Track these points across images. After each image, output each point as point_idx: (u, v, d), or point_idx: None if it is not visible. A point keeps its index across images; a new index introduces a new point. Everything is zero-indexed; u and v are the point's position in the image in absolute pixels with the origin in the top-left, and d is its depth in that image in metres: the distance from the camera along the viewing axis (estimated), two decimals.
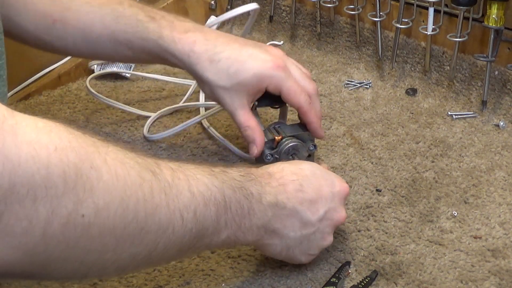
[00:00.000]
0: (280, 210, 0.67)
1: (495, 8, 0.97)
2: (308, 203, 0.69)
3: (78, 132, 0.51)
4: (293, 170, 0.70)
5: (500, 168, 0.92)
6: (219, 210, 0.60)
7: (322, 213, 0.70)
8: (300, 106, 0.83)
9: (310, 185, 0.70)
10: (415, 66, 1.15)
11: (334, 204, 0.71)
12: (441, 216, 0.83)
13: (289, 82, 0.82)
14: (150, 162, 0.55)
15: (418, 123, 1.04)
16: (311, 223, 0.69)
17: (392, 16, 1.16)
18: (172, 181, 0.56)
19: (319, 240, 0.71)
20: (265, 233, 0.67)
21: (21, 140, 0.45)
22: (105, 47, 0.87)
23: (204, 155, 0.97)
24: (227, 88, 0.82)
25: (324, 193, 0.70)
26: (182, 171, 0.58)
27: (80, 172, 0.48)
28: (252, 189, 0.65)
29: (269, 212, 0.66)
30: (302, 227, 0.69)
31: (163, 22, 0.85)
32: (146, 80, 1.19)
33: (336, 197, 0.71)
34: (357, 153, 0.96)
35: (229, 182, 0.62)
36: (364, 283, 0.72)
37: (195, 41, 0.83)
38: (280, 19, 1.34)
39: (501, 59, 1.03)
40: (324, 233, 0.71)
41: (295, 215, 0.68)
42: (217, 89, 0.83)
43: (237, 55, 0.82)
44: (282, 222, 0.67)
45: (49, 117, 0.50)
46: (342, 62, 1.23)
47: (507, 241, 0.78)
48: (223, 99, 0.83)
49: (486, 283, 0.72)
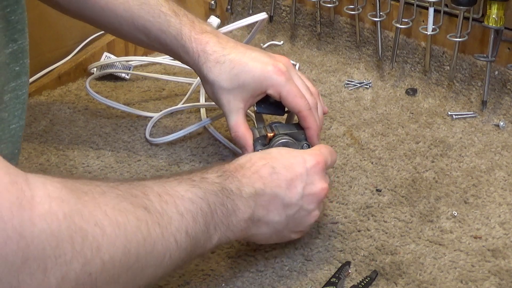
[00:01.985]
0: (260, 197, 0.68)
1: (495, 8, 0.97)
2: (285, 183, 0.70)
3: (79, 184, 0.54)
4: (260, 155, 0.72)
5: (500, 168, 0.92)
6: (207, 219, 0.62)
7: (301, 190, 0.70)
8: (300, 110, 0.83)
9: (281, 165, 0.71)
10: (415, 66, 1.15)
11: (311, 178, 0.72)
12: (441, 216, 0.83)
13: (290, 86, 0.83)
14: (140, 194, 0.58)
15: (418, 123, 1.04)
16: (293, 202, 0.70)
17: (392, 16, 1.16)
18: (161, 208, 0.58)
19: (305, 217, 0.72)
20: (252, 224, 0.68)
21: (36, 214, 0.48)
22: (122, 28, 0.89)
23: (204, 155, 0.97)
24: (227, 89, 0.83)
25: (298, 170, 0.71)
26: (167, 192, 0.60)
27: (86, 234, 0.50)
28: (231, 186, 0.66)
29: (251, 203, 0.67)
30: (284, 208, 0.70)
31: (185, 19, 0.87)
32: (146, 80, 1.19)
33: (311, 171, 0.72)
34: (357, 153, 0.96)
35: (210, 188, 0.64)
36: (364, 283, 0.72)
37: (208, 42, 0.85)
38: (280, 19, 1.34)
39: (501, 59, 1.03)
40: (308, 209, 0.72)
41: (276, 198, 0.69)
42: (218, 89, 0.84)
43: (240, 57, 0.83)
44: (264, 208, 0.69)
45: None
46: (342, 62, 1.23)
47: (507, 241, 0.78)
48: (221, 100, 0.84)
49: (486, 283, 0.72)
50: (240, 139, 0.84)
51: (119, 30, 0.91)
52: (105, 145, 1.00)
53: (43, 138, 1.01)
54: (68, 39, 1.24)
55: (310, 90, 0.86)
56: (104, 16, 0.88)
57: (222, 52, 0.84)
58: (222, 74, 0.83)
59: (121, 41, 1.25)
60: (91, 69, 1.19)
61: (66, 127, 1.04)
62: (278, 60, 0.84)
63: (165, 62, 1.18)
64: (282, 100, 0.83)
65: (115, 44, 1.25)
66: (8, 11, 0.65)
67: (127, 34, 0.91)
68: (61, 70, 1.20)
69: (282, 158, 0.72)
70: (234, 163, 0.70)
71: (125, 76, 1.19)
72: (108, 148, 0.99)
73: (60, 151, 0.98)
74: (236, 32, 1.34)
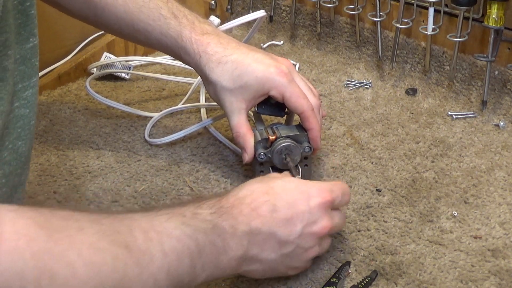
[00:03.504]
0: (255, 236, 0.65)
1: (495, 8, 0.97)
2: (283, 222, 0.66)
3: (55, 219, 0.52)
4: (264, 189, 0.68)
5: (500, 168, 0.92)
6: (194, 259, 0.60)
7: (300, 229, 0.67)
8: (303, 110, 0.83)
9: (283, 202, 0.67)
10: (415, 66, 1.15)
11: (314, 217, 0.68)
12: (441, 216, 0.83)
13: (292, 87, 0.83)
14: (124, 230, 0.56)
15: (418, 123, 1.04)
16: (289, 240, 0.67)
17: (392, 16, 1.16)
18: (145, 246, 0.56)
19: (301, 255, 0.69)
20: (244, 262, 0.65)
21: (2, 251, 0.47)
22: (122, 30, 0.89)
23: (204, 155, 0.97)
24: (230, 90, 0.83)
25: (300, 208, 0.67)
26: (154, 229, 0.58)
27: (55, 274, 0.49)
28: (225, 224, 0.63)
29: (244, 242, 0.64)
30: (280, 246, 0.67)
31: (184, 21, 0.86)
32: (146, 80, 1.19)
33: (314, 209, 0.68)
34: (357, 153, 0.96)
35: (201, 226, 0.61)
36: (364, 283, 0.72)
37: (209, 43, 0.85)
38: (280, 19, 1.34)
39: (501, 59, 1.03)
40: (305, 247, 0.68)
41: (272, 237, 0.66)
42: (220, 90, 0.84)
43: (243, 58, 0.83)
44: (259, 247, 0.66)
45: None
46: (342, 62, 1.23)
47: (507, 241, 0.78)
48: (223, 101, 0.84)
49: (486, 283, 0.72)
50: (241, 140, 0.84)
51: (119, 32, 0.91)
52: (105, 145, 1.00)
53: (43, 138, 1.01)
54: (68, 39, 1.24)
55: (313, 92, 0.86)
56: (104, 17, 0.88)
57: (224, 52, 0.84)
58: (225, 75, 0.83)
59: (121, 41, 1.25)
60: (91, 69, 1.19)
61: (66, 127, 1.04)
62: (280, 62, 0.84)
63: (165, 62, 1.18)
64: (286, 101, 0.83)
65: (115, 44, 1.25)
66: (28, 5, 0.64)
67: (127, 36, 0.91)
68: (61, 70, 1.20)
69: (286, 194, 0.68)
70: (233, 196, 0.67)
71: (125, 76, 1.19)
72: (108, 148, 0.99)
73: (60, 151, 0.98)
74: (236, 32, 1.34)
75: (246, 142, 0.84)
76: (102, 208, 0.85)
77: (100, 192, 0.89)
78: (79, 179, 0.92)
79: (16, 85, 0.64)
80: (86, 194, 0.89)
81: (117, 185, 0.90)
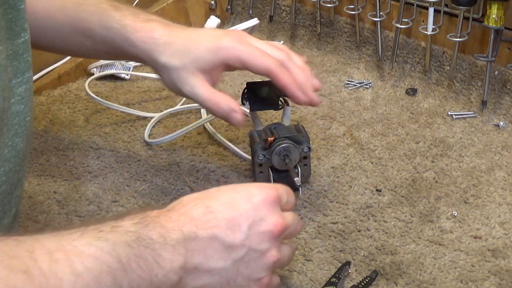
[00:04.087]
0: (192, 242, 0.57)
1: (495, 8, 0.97)
2: (224, 223, 0.58)
3: None
4: (195, 196, 0.61)
5: (500, 168, 0.92)
6: (117, 277, 0.52)
7: (245, 229, 0.58)
8: (267, 69, 0.75)
9: (219, 202, 0.59)
10: (415, 66, 1.15)
11: (261, 214, 0.60)
12: (441, 216, 0.83)
13: (250, 49, 0.76)
14: (23, 254, 0.49)
15: (418, 123, 1.04)
16: (236, 243, 0.58)
17: (392, 16, 1.16)
18: (49, 270, 0.49)
19: (258, 260, 0.59)
20: (187, 274, 0.57)
21: None
22: (64, 36, 0.84)
23: (204, 155, 0.97)
24: (182, 67, 0.77)
25: (241, 207, 0.59)
26: (61, 248, 0.51)
27: None
28: (152, 233, 0.55)
29: (181, 250, 0.56)
30: (228, 251, 0.58)
31: (126, 12, 0.82)
32: (146, 80, 1.19)
33: (259, 205, 0.60)
34: (357, 153, 0.96)
35: (122, 239, 0.54)
36: (364, 283, 0.72)
37: (154, 28, 0.79)
38: (280, 19, 1.34)
39: (501, 59, 1.03)
40: (260, 250, 0.59)
41: (213, 241, 0.57)
42: (173, 71, 0.77)
43: (191, 35, 0.79)
44: (201, 254, 0.57)
45: None
46: (342, 62, 1.23)
47: (507, 241, 0.78)
48: (180, 82, 0.77)
49: (486, 283, 0.72)
50: (223, 104, 0.76)
51: (63, 42, 0.85)
52: (105, 145, 1.00)
53: (43, 138, 1.01)
54: None
55: (277, 47, 0.79)
56: (44, 28, 0.83)
57: (170, 33, 0.79)
58: (174, 54, 0.77)
59: None
60: (91, 69, 1.19)
61: (66, 127, 1.04)
62: (232, 31, 0.80)
63: None
64: (246, 65, 0.76)
65: None
66: (17, 0, 0.62)
67: (69, 44, 0.85)
68: (61, 70, 1.20)
69: (221, 195, 0.61)
70: (162, 208, 0.60)
71: (125, 76, 1.19)
72: (108, 148, 0.99)
73: (60, 151, 0.98)
74: None
75: (230, 102, 0.76)
76: (102, 208, 0.86)
77: (100, 192, 0.89)
78: (79, 179, 0.92)
79: (10, 81, 0.63)
80: (86, 194, 0.89)
81: (117, 185, 0.90)
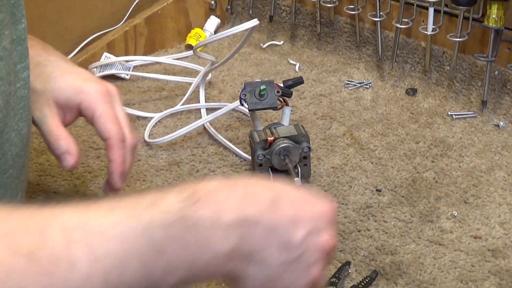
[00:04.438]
0: (252, 227, 0.51)
1: (495, 8, 0.97)
2: (287, 219, 0.53)
3: None
4: (266, 182, 0.56)
5: (500, 168, 0.92)
6: (147, 262, 0.47)
7: (304, 234, 0.54)
8: (109, 137, 0.73)
9: (287, 198, 0.55)
10: (415, 66, 1.15)
11: (319, 225, 0.56)
12: (441, 216, 0.83)
13: (107, 108, 0.74)
14: (33, 231, 0.45)
15: (418, 123, 1.04)
16: (294, 244, 0.53)
17: (392, 16, 1.16)
18: (61, 252, 0.44)
19: (303, 271, 0.55)
20: (238, 260, 0.51)
21: None
22: None
23: (204, 155, 0.97)
24: (40, 92, 0.73)
25: (304, 211, 0.55)
26: (83, 226, 0.46)
27: None
28: (202, 212, 0.49)
29: (234, 233, 0.50)
30: (283, 249, 0.53)
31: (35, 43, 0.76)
32: (146, 80, 1.19)
33: (319, 216, 0.56)
34: (357, 153, 0.96)
35: (160, 217, 0.48)
36: (364, 283, 0.72)
37: (33, 45, 0.73)
38: (280, 19, 1.34)
39: (501, 59, 1.03)
40: (310, 261, 0.55)
41: (273, 233, 0.52)
42: (33, 94, 0.71)
43: (66, 66, 0.76)
44: (257, 242, 0.52)
45: None
46: (342, 62, 1.23)
47: (507, 241, 0.78)
48: (33, 104, 0.72)
49: (486, 283, 0.72)
50: (63, 142, 0.72)
51: None
52: None
53: None
54: (68, 39, 1.24)
55: (130, 130, 0.76)
56: None
57: (46, 57, 0.75)
58: (40, 77, 0.73)
59: (121, 41, 1.25)
60: (91, 69, 1.19)
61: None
62: (106, 84, 0.77)
63: (165, 62, 1.18)
64: (94, 121, 0.73)
65: (115, 44, 1.25)
66: None
67: None
68: None
69: (289, 192, 0.56)
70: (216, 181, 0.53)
71: (125, 76, 1.19)
72: None
73: None
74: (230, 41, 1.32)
75: (70, 143, 0.73)
76: None
77: (100, 192, 0.89)
78: (79, 179, 0.92)
79: (15, 65, 0.63)
80: (86, 194, 0.89)
81: None
